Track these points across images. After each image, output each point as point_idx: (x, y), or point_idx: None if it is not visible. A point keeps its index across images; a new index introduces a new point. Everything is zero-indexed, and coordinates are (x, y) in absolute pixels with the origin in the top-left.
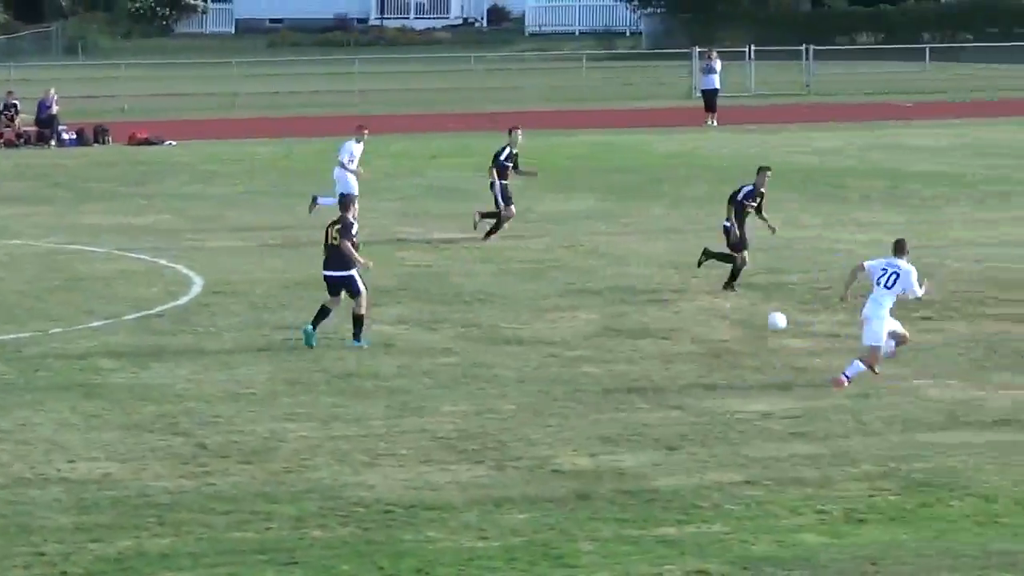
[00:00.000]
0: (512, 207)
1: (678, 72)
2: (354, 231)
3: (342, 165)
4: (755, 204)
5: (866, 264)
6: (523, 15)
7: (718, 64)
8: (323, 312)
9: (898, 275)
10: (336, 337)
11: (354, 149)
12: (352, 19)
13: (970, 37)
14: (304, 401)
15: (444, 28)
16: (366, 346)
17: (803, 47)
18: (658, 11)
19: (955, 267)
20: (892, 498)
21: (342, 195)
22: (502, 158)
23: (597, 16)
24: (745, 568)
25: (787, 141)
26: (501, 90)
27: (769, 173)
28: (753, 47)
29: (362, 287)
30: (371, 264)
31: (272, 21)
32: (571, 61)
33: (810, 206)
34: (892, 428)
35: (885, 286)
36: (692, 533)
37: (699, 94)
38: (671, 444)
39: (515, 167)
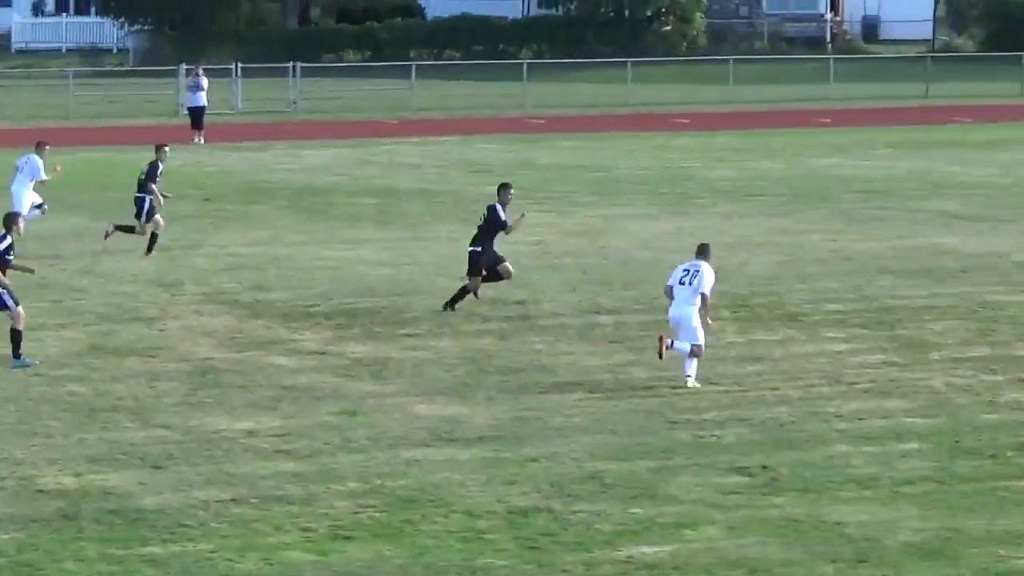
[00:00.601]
0: (156, 219)
1: (165, 89)
2: (11, 255)
3: (35, 179)
4: (504, 219)
5: (669, 281)
6: (9, 32)
7: (205, 81)
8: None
9: (699, 271)
10: None
11: (39, 164)
12: None
13: (457, 55)
14: None
15: None
16: (32, 364)
17: (290, 64)
18: (145, 28)
19: (444, 284)
20: (377, 515)
21: (8, 214)
22: (154, 173)
23: (84, 33)
24: None
25: (275, 158)
26: None
27: (512, 191)
28: (240, 64)
29: (11, 303)
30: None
31: None
32: (58, 79)
33: (298, 223)
34: (378, 445)
35: (689, 284)
36: (177, 552)
37: (186, 111)
38: (157, 463)
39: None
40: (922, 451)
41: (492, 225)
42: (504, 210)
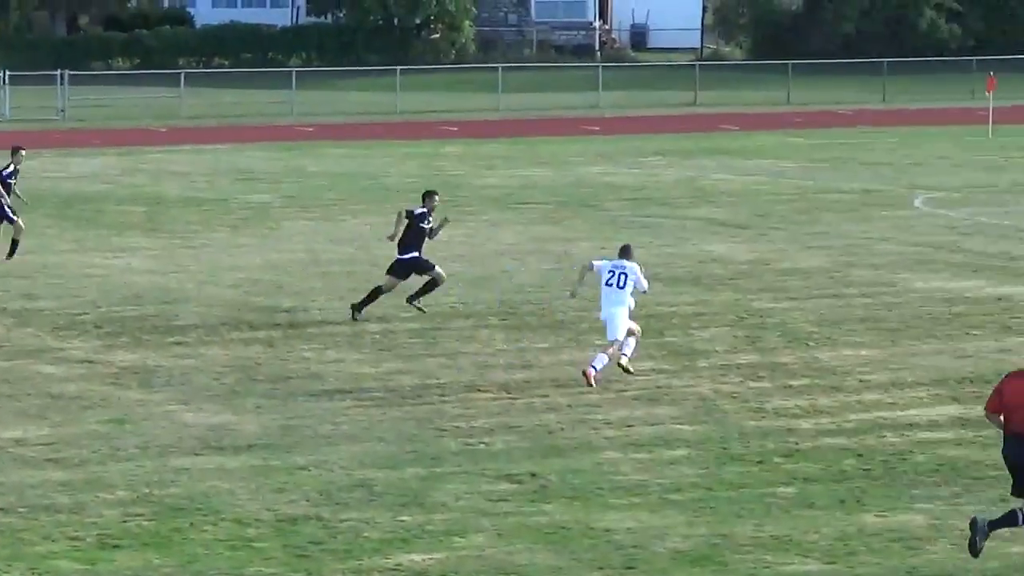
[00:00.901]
0: (19, 221)
1: None
2: None
3: None
4: (431, 226)
5: (594, 264)
6: None
7: None
8: None
9: (626, 275)
10: None
11: None
12: None
13: (226, 63)
14: None
15: None
16: None
17: (58, 72)
18: None
19: (213, 292)
20: (146, 523)
21: None
22: (5, 174)
23: None
24: None
25: (43, 166)
26: None
27: (437, 197)
28: (8, 72)
29: None
30: None
31: None
32: None
33: (66, 232)
34: (147, 453)
35: (618, 286)
36: None
37: None
38: None
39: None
40: (690, 458)
41: (411, 223)
42: (428, 216)
